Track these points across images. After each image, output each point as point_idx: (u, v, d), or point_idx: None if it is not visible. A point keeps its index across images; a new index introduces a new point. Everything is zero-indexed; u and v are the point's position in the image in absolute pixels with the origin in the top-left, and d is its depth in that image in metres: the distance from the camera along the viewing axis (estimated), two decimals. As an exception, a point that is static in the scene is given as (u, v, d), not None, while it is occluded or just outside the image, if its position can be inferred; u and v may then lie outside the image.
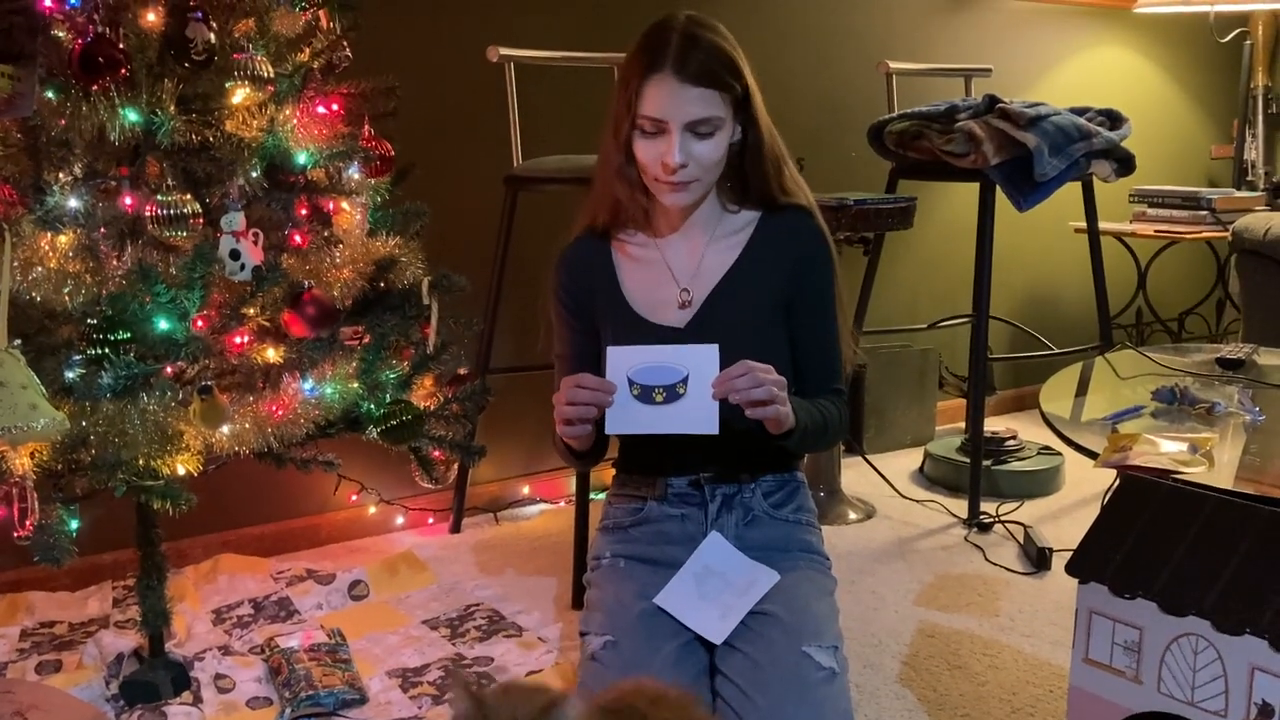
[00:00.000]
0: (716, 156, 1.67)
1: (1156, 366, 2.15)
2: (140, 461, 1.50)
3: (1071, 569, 1.35)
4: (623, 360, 1.60)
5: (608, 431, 1.63)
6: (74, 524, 1.46)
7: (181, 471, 1.54)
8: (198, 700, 1.83)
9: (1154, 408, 1.85)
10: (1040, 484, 2.93)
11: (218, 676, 1.92)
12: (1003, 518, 2.72)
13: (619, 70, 1.69)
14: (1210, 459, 1.52)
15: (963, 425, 3.32)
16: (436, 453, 1.93)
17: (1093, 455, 1.61)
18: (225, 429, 1.60)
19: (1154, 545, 1.30)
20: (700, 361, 1.58)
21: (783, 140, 1.77)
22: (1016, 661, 2.02)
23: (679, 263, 1.77)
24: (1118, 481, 1.44)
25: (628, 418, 1.60)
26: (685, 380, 1.58)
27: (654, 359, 1.60)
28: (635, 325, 1.76)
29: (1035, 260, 3.78)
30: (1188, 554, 1.27)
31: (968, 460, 2.82)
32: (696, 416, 1.58)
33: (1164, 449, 1.55)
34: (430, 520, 2.74)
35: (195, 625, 2.13)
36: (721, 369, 1.59)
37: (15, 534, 1.39)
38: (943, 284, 3.56)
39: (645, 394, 1.59)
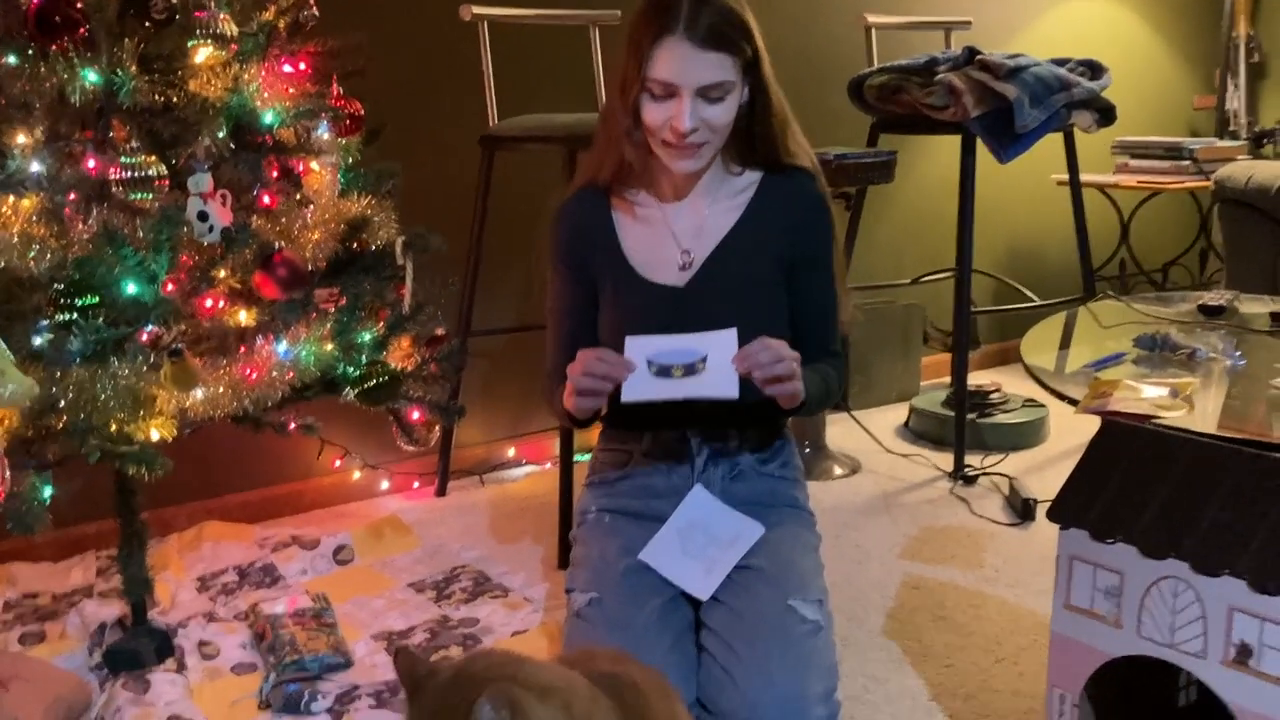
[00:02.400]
0: (727, 120, 1.64)
1: (1139, 315, 2.15)
2: (113, 427, 1.49)
3: (1052, 515, 1.35)
4: (640, 347, 1.58)
5: (624, 399, 1.58)
6: (47, 491, 1.44)
7: (155, 436, 1.53)
8: (182, 667, 1.83)
9: (1135, 355, 1.85)
10: (1025, 436, 2.93)
11: (202, 643, 1.91)
12: (987, 470, 2.72)
13: (627, 30, 1.65)
14: (1190, 403, 1.52)
15: (948, 379, 3.32)
16: (416, 414, 1.92)
17: (1074, 402, 1.60)
18: (199, 393, 1.58)
19: (1134, 490, 1.29)
20: (719, 344, 1.57)
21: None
22: (1001, 612, 2.02)
23: (680, 223, 1.75)
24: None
25: (644, 388, 1.57)
26: (704, 359, 1.57)
27: (673, 345, 1.58)
28: (634, 283, 1.74)
29: (1018, 213, 3.77)
30: (1167, 498, 1.26)
31: (952, 414, 2.82)
32: (716, 384, 1.56)
33: (1144, 394, 1.54)
34: (415, 484, 2.73)
35: (179, 593, 2.12)
36: (716, 328, 1.58)
37: (-12, 502, 1.38)
38: (926, 238, 3.55)
39: (664, 372, 1.57)
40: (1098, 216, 3.58)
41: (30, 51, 1.48)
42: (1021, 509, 2.45)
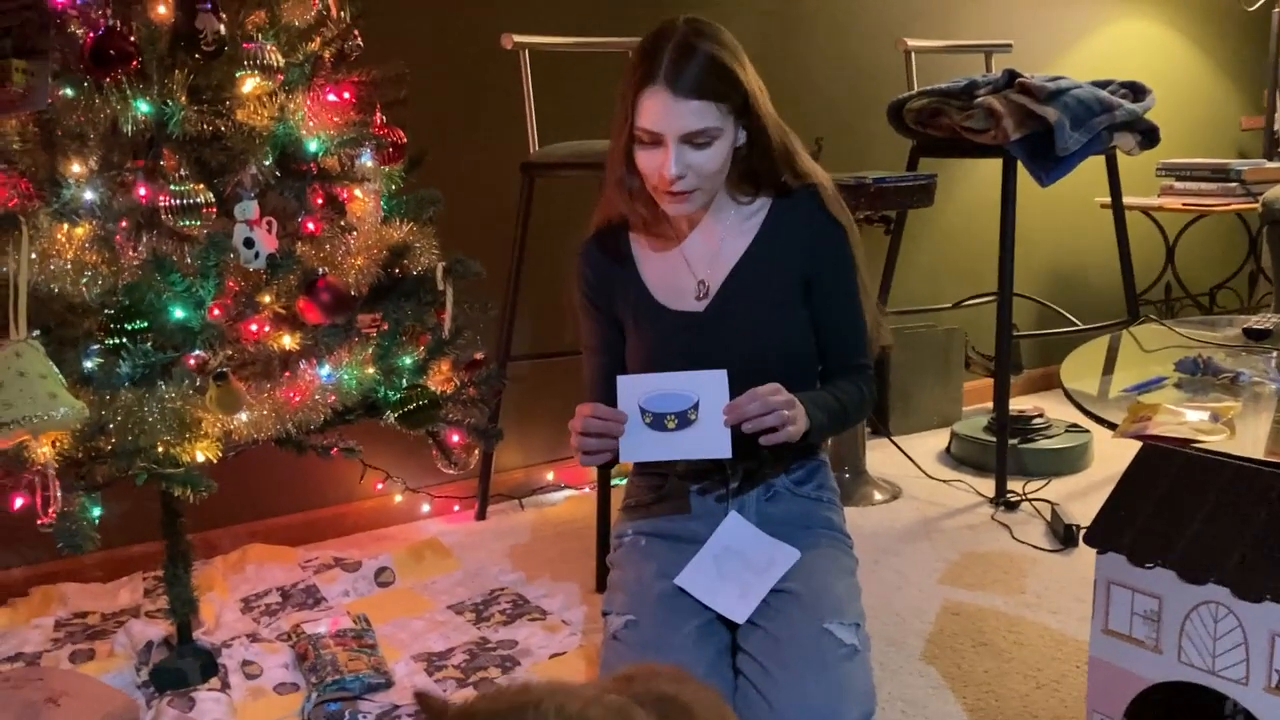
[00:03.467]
0: (715, 166, 1.65)
1: (1182, 339, 2.13)
2: (160, 449, 1.52)
3: (1090, 539, 1.34)
4: (633, 389, 1.62)
5: (622, 460, 1.65)
6: (96, 512, 1.48)
7: (201, 458, 1.56)
8: (226, 686, 1.86)
9: (1177, 378, 1.83)
10: (1068, 462, 2.90)
11: (245, 663, 1.94)
12: (1030, 496, 2.69)
13: (621, 77, 1.68)
14: (1231, 427, 1.50)
15: (989, 404, 3.29)
16: (455, 437, 1.94)
17: (1113, 426, 1.59)
18: (243, 416, 1.62)
19: (1172, 513, 1.28)
20: (710, 387, 1.60)
21: (802, 119, 1.75)
22: (1042, 638, 2.00)
23: (695, 252, 1.77)
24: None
25: (641, 446, 1.62)
26: (696, 406, 1.60)
27: (664, 386, 1.62)
28: (656, 313, 1.76)
29: (1060, 236, 3.74)
30: (1206, 521, 1.25)
31: (994, 439, 2.79)
32: (709, 441, 1.60)
33: (1185, 418, 1.53)
34: (456, 508, 2.76)
35: (224, 614, 2.15)
36: (739, 351, 1.61)
37: (39, 521, 1.41)
38: (966, 262, 3.53)
39: (657, 421, 1.61)
40: (1143, 240, 3.55)
41: (86, 84, 1.53)
42: (1064, 535, 2.42)
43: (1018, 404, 3.08)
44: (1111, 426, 1.59)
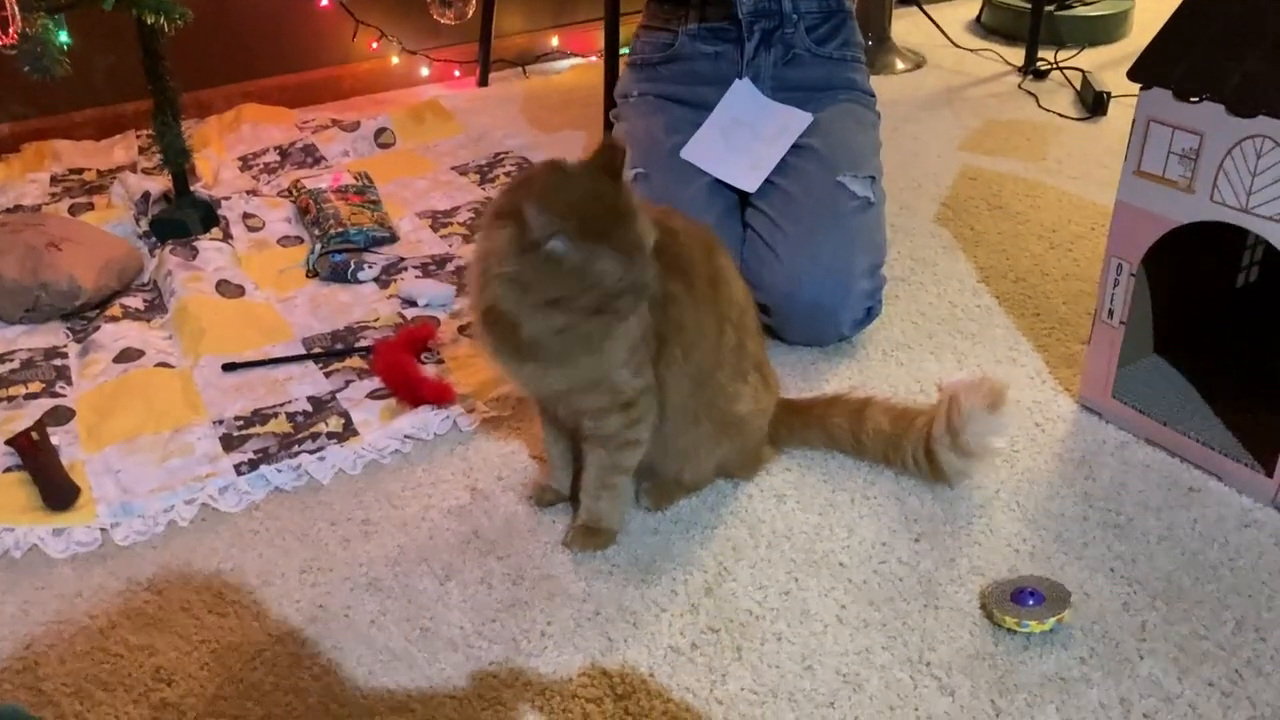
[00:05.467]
0: None
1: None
2: (124, -29, 1.39)
3: (1133, 74, 1.24)
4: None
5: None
6: (63, 36, 1.37)
7: (171, -18, 1.43)
8: (228, 237, 1.84)
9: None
10: (1106, 30, 2.72)
11: (246, 216, 1.91)
12: (1061, 64, 2.55)
13: None
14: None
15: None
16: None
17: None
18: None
19: (1230, 47, 1.17)
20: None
21: None
22: (1060, 202, 1.95)
23: None
24: None
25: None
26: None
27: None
28: None
29: None
30: (1264, 58, 1.14)
31: (1029, 5, 2.61)
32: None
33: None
34: (456, 73, 2.63)
35: (221, 171, 2.10)
36: None
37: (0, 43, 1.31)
38: None
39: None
40: None
41: None
42: (1093, 102, 2.31)
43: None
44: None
